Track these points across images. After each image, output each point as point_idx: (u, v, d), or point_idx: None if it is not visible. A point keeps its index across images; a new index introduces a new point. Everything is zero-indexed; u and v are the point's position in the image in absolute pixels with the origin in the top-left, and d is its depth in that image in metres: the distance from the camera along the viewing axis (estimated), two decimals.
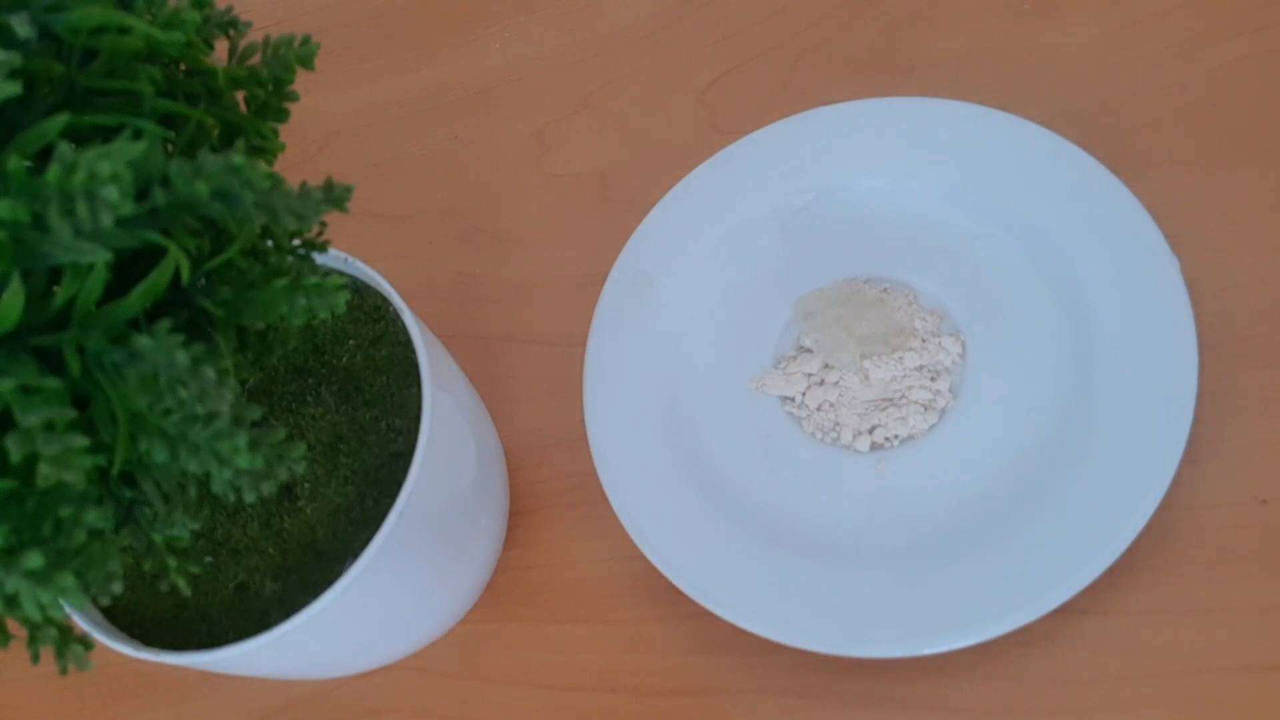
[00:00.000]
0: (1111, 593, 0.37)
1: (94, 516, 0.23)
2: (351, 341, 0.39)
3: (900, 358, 0.42)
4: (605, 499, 0.41)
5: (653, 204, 0.47)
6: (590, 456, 0.42)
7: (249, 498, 0.24)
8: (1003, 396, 0.41)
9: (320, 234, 0.30)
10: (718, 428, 0.43)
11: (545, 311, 0.50)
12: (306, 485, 0.37)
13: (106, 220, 0.19)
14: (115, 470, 0.24)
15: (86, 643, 0.25)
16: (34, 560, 0.22)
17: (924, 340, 0.42)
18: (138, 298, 0.22)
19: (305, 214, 0.23)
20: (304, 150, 0.58)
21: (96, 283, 0.21)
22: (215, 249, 0.25)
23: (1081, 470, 0.37)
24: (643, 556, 0.40)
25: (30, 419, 0.20)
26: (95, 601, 0.36)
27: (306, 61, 0.28)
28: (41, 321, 0.22)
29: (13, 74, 0.20)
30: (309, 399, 0.39)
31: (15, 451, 0.20)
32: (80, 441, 0.20)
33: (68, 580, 0.22)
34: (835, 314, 0.43)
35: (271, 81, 0.28)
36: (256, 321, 0.25)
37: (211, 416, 0.23)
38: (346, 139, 0.58)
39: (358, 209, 0.26)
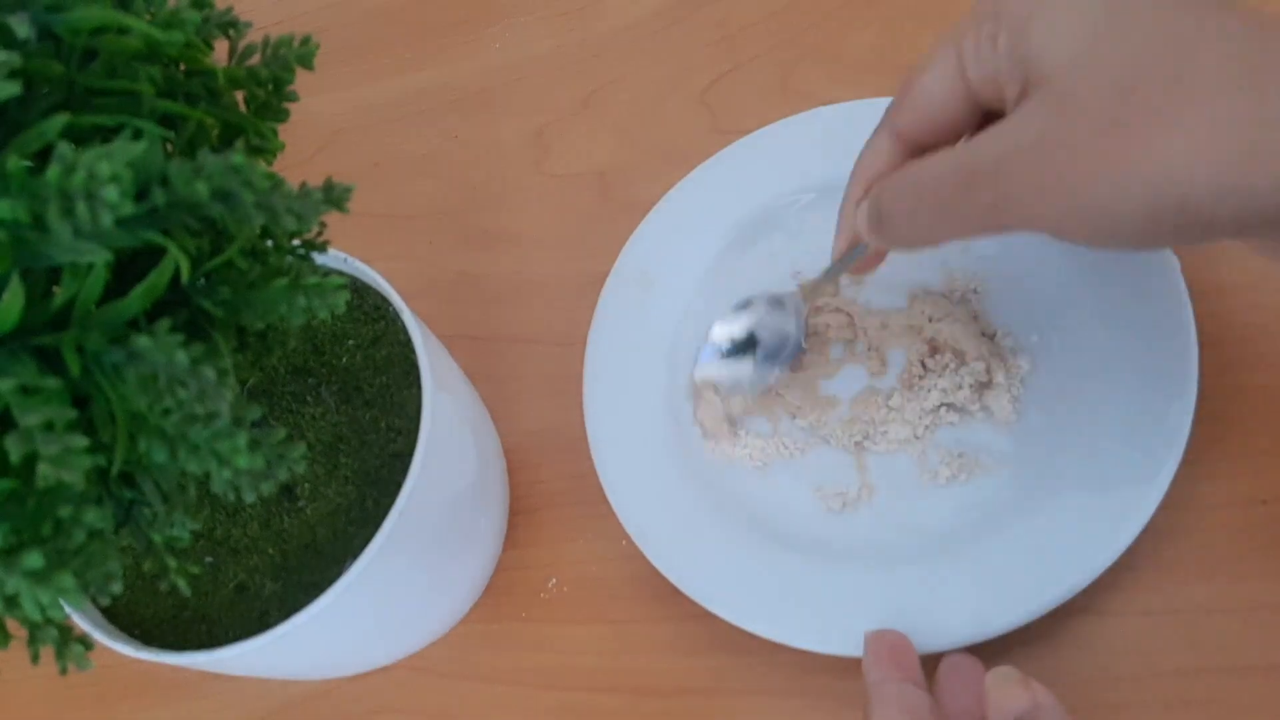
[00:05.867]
0: (1111, 593, 0.37)
1: (94, 516, 0.23)
2: (351, 341, 0.39)
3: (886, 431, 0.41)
4: (605, 499, 0.41)
5: (653, 204, 0.47)
6: (590, 456, 0.42)
7: (249, 498, 0.24)
8: (1003, 396, 0.41)
9: (320, 234, 0.30)
10: None
11: (545, 311, 0.50)
12: (306, 485, 0.37)
13: (106, 220, 0.19)
14: (115, 470, 0.24)
15: (86, 643, 0.25)
16: (34, 560, 0.22)
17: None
18: (138, 298, 0.22)
19: (305, 214, 0.23)
20: (304, 150, 0.58)
21: (96, 283, 0.21)
22: (215, 249, 0.25)
23: (1082, 470, 0.37)
24: (643, 556, 0.40)
25: (30, 419, 0.20)
26: (95, 601, 0.36)
27: (306, 61, 0.28)
28: (41, 321, 0.22)
29: (13, 74, 0.20)
30: (309, 399, 0.39)
31: (15, 451, 0.20)
32: (80, 441, 0.20)
33: (68, 580, 0.22)
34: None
35: (271, 81, 0.28)
36: (256, 321, 0.25)
37: (211, 416, 0.23)
38: (346, 139, 0.58)
39: (358, 209, 0.26)
